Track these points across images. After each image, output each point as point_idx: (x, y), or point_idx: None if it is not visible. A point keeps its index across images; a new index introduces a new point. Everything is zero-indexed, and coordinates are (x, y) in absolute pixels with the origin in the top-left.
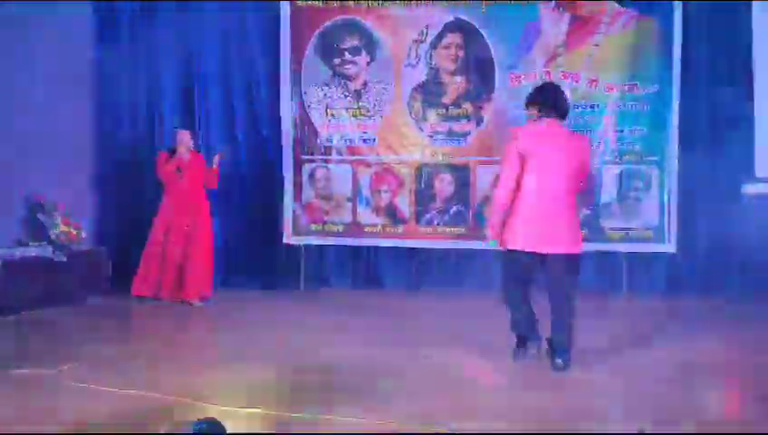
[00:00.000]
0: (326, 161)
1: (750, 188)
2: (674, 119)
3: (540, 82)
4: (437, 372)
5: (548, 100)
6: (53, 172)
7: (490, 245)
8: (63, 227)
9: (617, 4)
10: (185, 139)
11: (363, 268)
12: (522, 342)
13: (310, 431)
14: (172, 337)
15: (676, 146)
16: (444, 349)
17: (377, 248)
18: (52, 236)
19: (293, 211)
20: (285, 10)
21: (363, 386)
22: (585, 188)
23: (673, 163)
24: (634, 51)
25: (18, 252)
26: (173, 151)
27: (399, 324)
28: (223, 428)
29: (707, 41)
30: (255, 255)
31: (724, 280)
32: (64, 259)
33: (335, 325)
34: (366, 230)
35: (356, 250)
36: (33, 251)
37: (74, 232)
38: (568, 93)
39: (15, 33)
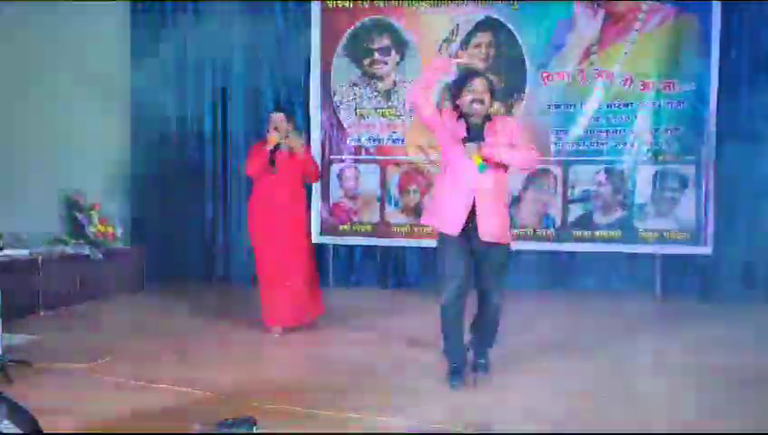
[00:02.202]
0: (355, 161)
1: None
2: (711, 118)
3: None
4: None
5: None
6: (91, 172)
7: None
8: (100, 226)
9: (653, 1)
10: (280, 124)
11: (391, 268)
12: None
13: (337, 431)
14: (205, 335)
15: (714, 146)
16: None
17: (405, 248)
18: (89, 235)
19: (322, 211)
20: (316, 10)
21: (386, 385)
22: None
23: (710, 163)
24: (670, 48)
25: (56, 249)
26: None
27: (428, 324)
28: (253, 425)
29: (746, 38)
30: None
31: (761, 283)
32: (100, 257)
33: (363, 325)
34: (394, 230)
35: (384, 250)
36: (70, 249)
37: (110, 231)
38: (602, 92)
39: (55, 34)
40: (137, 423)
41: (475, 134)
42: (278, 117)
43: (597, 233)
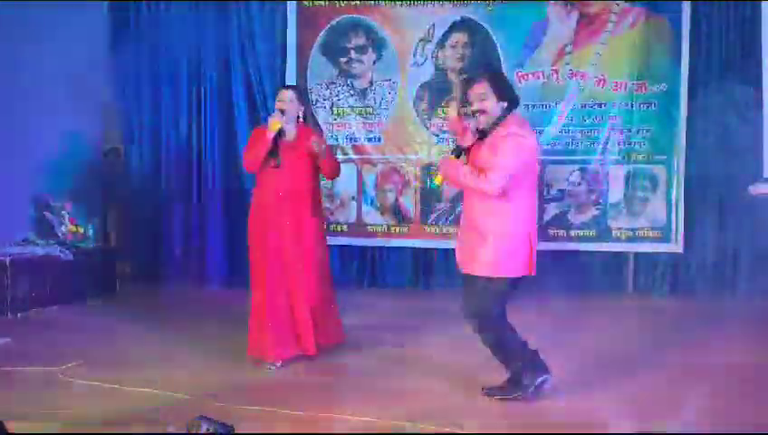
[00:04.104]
0: None
1: (758, 189)
2: (682, 118)
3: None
4: (439, 372)
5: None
6: (62, 172)
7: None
8: (71, 227)
9: (625, 3)
10: (289, 105)
11: (368, 268)
12: (541, 367)
13: (315, 431)
14: (177, 336)
15: (684, 145)
16: (447, 349)
17: (381, 248)
18: (60, 236)
19: None
20: (292, 9)
21: (365, 385)
22: None
23: (681, 163)
24: (642, 49)
25: (26, 250)
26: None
27: (403, 324)
28: (230, 427)
29: (717, 40)
30: None
31: (730, 281)
32: (71, 258)
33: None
34: (370, 230)
35: (361, 250)
36: (40, 250)
37: (81, 231)
38: (576, 92)
39: (29, 33)
40: (110, 426)
41: (467, 147)
42: (286, 94)
43: (572, 232)
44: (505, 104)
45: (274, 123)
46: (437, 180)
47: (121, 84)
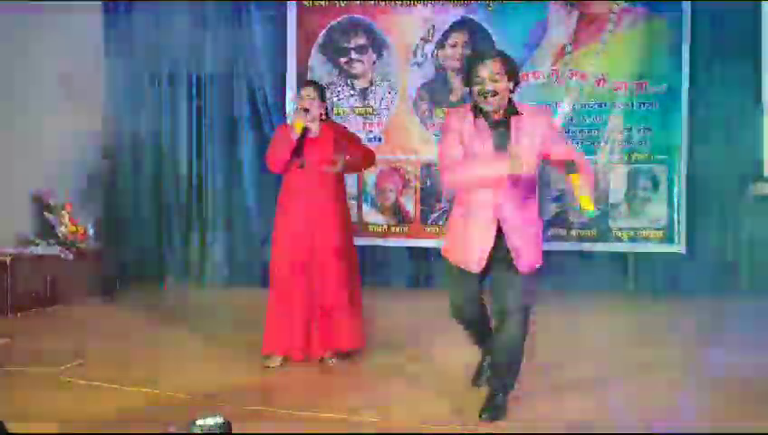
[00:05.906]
0: None
1: (758, 188)
2: (683, 118)
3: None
4: (439, 372)
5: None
6: (61, 172)
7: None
8: (71, 227)
9: (625, 3)
10: (311, 103)
11: (368, 268)
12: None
13: (314, 431)
14: (177, 336)
15: (685, 145)
16: (448, 349)
17: (381, 248)
18: (60, 236)
19: None
20: (292, 10)
21: (365, 385)
22: None
23: (681, 163)
24: (642, 49)
25: (26, 250)
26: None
27: (404, 324)
28: (229, 426)
29: (717, 39)
30: (259, 254)
31: (732, 281)
32: (71, 258)
33: None
34: (371, 230)
35: (361, 250)
36: (40, 250)
37: (81, 231)
38: (575, 92)
39: (28, 35)
40: (110, 426)
41: (498, 140)
42: (308, 91)
43: (572, 232)
44: (512, 86)
45: (298, 123)
46: (586, 202)
47: (121, 85)
